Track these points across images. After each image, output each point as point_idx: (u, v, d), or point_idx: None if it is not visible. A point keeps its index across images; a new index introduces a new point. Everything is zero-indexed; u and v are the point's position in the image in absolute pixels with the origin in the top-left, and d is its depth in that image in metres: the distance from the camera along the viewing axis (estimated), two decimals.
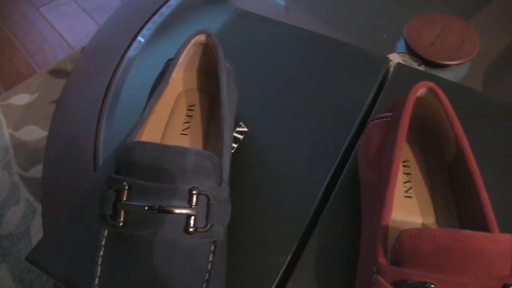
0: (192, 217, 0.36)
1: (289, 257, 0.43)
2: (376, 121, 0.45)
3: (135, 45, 0.81)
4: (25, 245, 1.33)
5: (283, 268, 0.43)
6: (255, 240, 0.44)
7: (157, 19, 0.85)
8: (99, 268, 0.37)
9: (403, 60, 0.66)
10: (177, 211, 0.36)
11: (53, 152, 0.68)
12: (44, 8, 2.12)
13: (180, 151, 0.37)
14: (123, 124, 0.69)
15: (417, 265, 0.33)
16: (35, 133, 1.61)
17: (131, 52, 0.80)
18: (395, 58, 0.66)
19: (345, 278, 0.42)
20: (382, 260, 0.35)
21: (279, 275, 0.42)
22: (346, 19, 0.79)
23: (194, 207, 0.36)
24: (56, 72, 1.81)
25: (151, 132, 0.49)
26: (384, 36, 0.74)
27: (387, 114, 0.44)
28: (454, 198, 0.44)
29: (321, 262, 0.43)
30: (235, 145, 0.51)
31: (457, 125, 0.41)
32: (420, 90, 0.43)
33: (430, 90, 0.43)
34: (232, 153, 0.51)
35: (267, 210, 0.46)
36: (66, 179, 0.64)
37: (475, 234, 0.32)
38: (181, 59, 0.49)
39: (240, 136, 0.52)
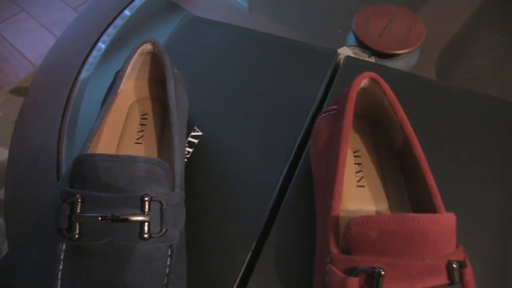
0: (146, 224, 0.37)
1: (249, 255, 0.44)
2: (323, 114, 0.46)
3: (92, 58, 0.81)
4: None
5: (244, 266, 0.43)
6: (215, 241, 0.45)
7: (113, 30, 0.85)
8: (59, 282, 0.37)
9: (354, 53, 0.67)
10: (130, 218, 0.36)
11: (15, 172, 0.68)
12: (1, 26, 2.09)
13: (129, 160, 0.38)
14: (84, 139, 0.69)
15: (366, 251, 0.34)
16: (0, 154, 1.59)
17: (88, 66, 0.80)
18: (345, 51, 0.67)
19: (304, 271, 0.43)
20: (334, 249, 0.36)
21: (240, 273, 0.43)
22: (304, 17, 0.80)
23: (147, 214, 0.37)
24: (19, 91, 1.79)
25: (106, 144, 0.49)
26: (339, 30, 0.75)
27: (333, 107, 0.45)
28: (405, 183, 0.45)
29: (280, 257, 0.44)
30: (190, 150, 0.52)
31: (401, 113, 0.43)
32: (364, 81, 0.44)
33: (373, 81, 0.44)
34: (188, 157, 0.51)
35: (225, 211, 0.47)
36: (29, 198, 0.64)
37: (418, 216, 0.33)
38: (129, 70, 0.49)
39: (195, 141, 0.53)
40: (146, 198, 0.37)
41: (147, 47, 0.50)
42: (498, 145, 0.51)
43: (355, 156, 0.47)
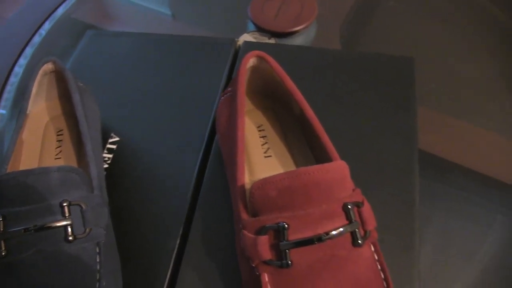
0: (69, 227, 0.39)
1: (178, 241, 0.47)
2: (222, 97, 0.49)
3: (12, 79, 0.81)
4: None
5: (175, 251, 0.46)
6: (146, 232, 0.48)
7: (29, 51, 0.85)
8: None
9: (254, 38, 0.71)
10: (52, 225, 0.39)
11: None
12: None
13: (42, 171, 0.40)
14: None
15: (269, 210, 0.37)
16: None
17: (6, 94, 0.80)
18: (246, 38, 0.71)
19: (230, 245, 0.45)
20: (244, 216, 0.39)
21: (173, 259, 0.46)
22: (223, 15, 0.83)
23: (68, 217, 0.39)
24: None
25: (26, 165, 0.50)
26: (247, 20, 0.78)
27: (229, 89, 0.48)
28: (309, 146, 0.49)
29: (207, 237, 0.47)
30: (110, 156, 0.54)
31: (289, 82, 0.46)
32: (252, 60, 0.47)
33: (261, 58, 0.47)
34: (110, 162, 0.54)
35: (150, 205, 0.50)
36: None
37: (308, 169, 0.37)
38: (34, 91, 0.51)
39: (114, 146, 0.55)
40: (64, 204, 0.39)
41: (49, 66, 0.51)
42: (392, 97, 0.55)
43: (260, 130, 0.50)
